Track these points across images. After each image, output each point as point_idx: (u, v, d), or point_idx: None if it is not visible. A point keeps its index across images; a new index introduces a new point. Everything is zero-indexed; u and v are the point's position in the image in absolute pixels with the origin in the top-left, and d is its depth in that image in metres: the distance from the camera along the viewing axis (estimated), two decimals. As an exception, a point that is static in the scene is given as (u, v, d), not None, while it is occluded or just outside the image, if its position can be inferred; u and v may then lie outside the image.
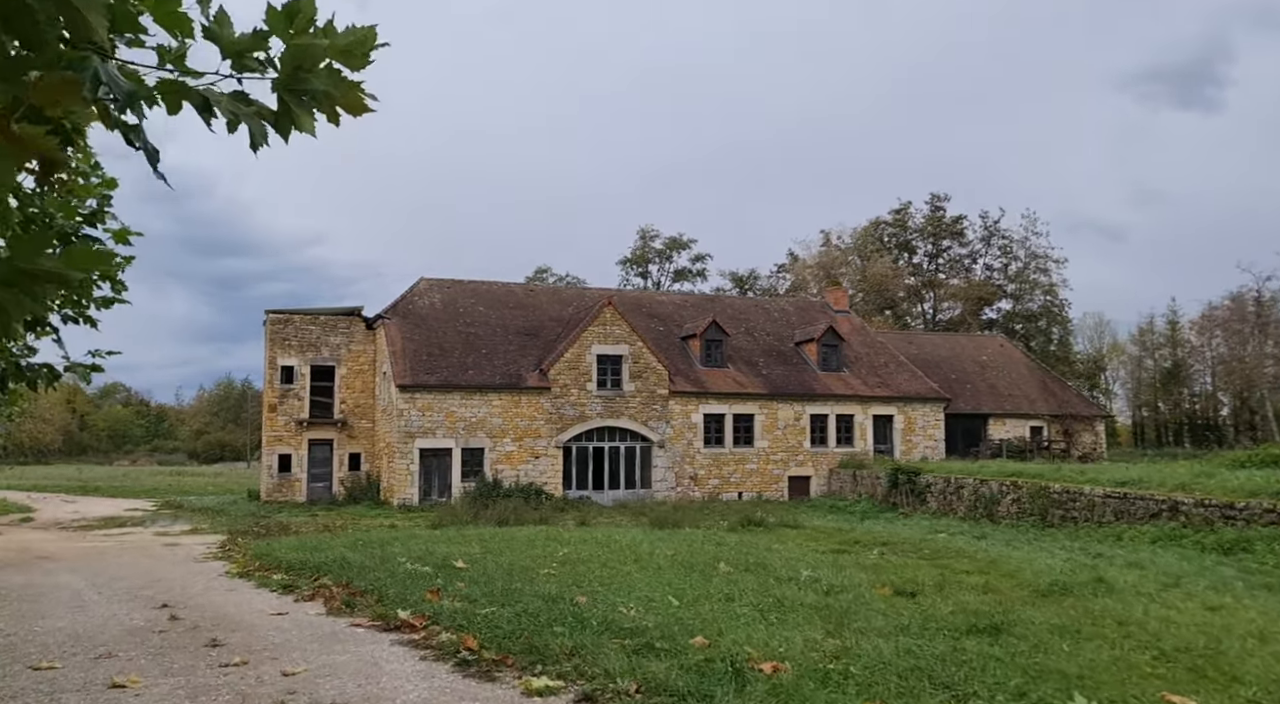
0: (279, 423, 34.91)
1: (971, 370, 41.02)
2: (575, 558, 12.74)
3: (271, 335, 35.14)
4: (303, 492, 34.69)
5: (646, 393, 33.25)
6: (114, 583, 13.45)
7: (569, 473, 32.45)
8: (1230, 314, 67.48)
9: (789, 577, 10.80)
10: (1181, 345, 71.90)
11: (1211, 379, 72.24)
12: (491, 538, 16.60)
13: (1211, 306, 66.89)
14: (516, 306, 36.34)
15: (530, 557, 13.22)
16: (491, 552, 14.07)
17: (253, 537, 20.01)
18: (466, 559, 12.94)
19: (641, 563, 12.23)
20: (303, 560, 13.84)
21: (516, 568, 11.68)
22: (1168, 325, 70.44)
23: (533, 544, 15.21)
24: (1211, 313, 68.71)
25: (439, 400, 31.22)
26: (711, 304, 41.00)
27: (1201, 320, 70.22)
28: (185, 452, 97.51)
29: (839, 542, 18.12)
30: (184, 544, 20.55)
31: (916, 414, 36.20)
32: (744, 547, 14.74)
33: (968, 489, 23.25)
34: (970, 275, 60.03)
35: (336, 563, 13.07)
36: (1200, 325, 70.87)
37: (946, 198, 59.76)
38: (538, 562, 12.51)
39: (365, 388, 35.88)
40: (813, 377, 36.04)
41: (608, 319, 33.26)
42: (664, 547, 14.65)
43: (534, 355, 33.56)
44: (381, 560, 12.96)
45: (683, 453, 33.42)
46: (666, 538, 16.67)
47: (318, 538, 17.91)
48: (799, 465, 34.57)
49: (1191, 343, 72.55)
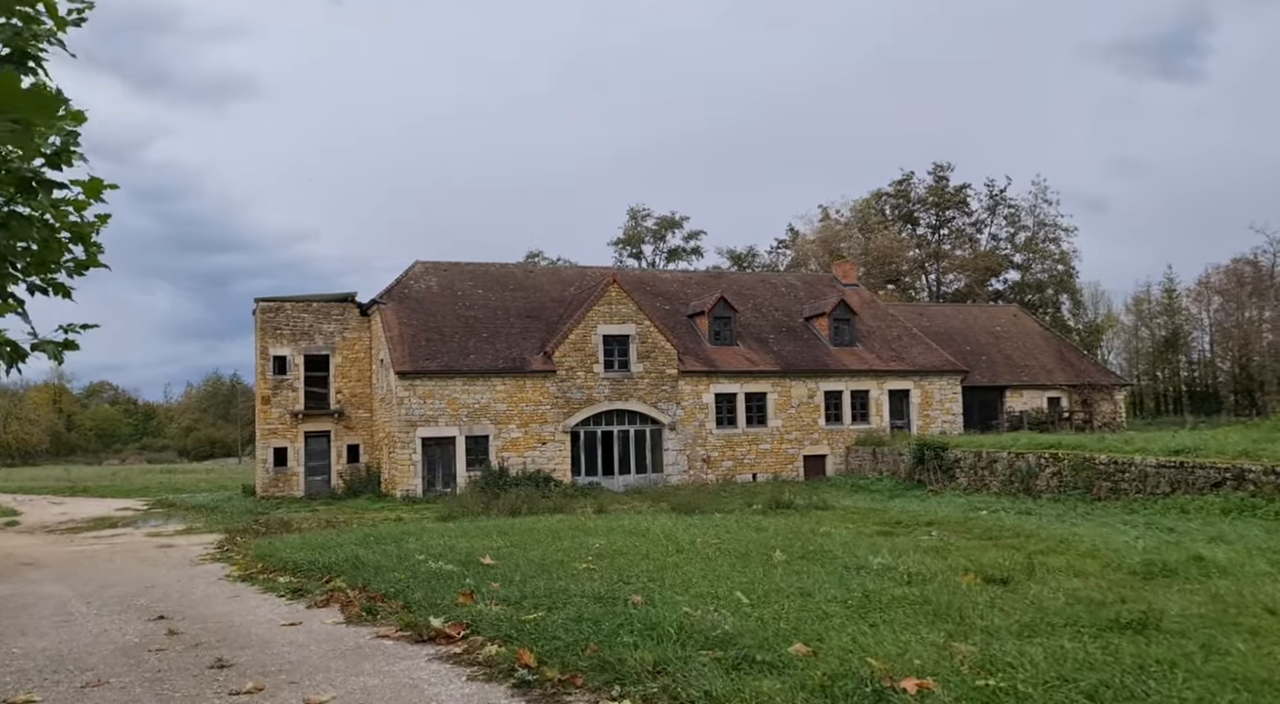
0: (273, 415, 33.73)
1: (986, 341, 40.04)
2: (612, 550, 11.68)
3: (262, 325, 33.90)
4: (300, 486, 33.56)
5: (655, 373, 32.16)
6: (104, 591, 12.35)
7: (577, 459, 31.38)
8: (1228, 280, 66.91)
9: (856, 565, 9.77)
10: (1179, 313, 71.26)
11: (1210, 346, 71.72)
12: (511, 529, 15.54)
13: (1209, 273, 66.42)
14: (516, 288, 35.16)
15: (561, 550, 12.16)
16: (517, 545, 13.01)
17: (252, 535, 18.91)
18: (492, 554, 11.88)
19: (686, 553, 11.18)
20: (311, 560, 12.76)
21: (550, 563, 10.62)
22: (1164, 293, 69.78)
23: (558, 536, 14.15)
24: (1208, 279, 68.21)
25: (440, 387, 30.08)
26: (716, 281, 39.86)
27: (1199, 287, 69.71)
28: (175, 449, 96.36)
29: (879, 522, 17.12)
30: (179, 545, 19.44)
31: (933, 388, 35.21)
32: (788, 532, 13.70)
33: (1001, 463, 22.24)
34: (976, 246, 58.98)
35: (349, 562, 11.99)
36: (1197, 293, 70.34)
37: (950, 167, 58.65)
38: (571, 555, 11.46)
39: (362, 377, 34.71)
40: (825, 352, 35.00)
41: (613, 298, 32.12)
42: (701, 534, 13.61)
43: (537, 338, 32.42)
44: (399, 558, 11.89)
45: (694, 435, 32.38)
46: (699, 524, 15.63)
47: (323, 535, 16.82)
48: (814, 444, 33.57)
49: (1189, 311, 72.02)
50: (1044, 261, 58.43)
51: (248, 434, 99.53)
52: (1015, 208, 58.55)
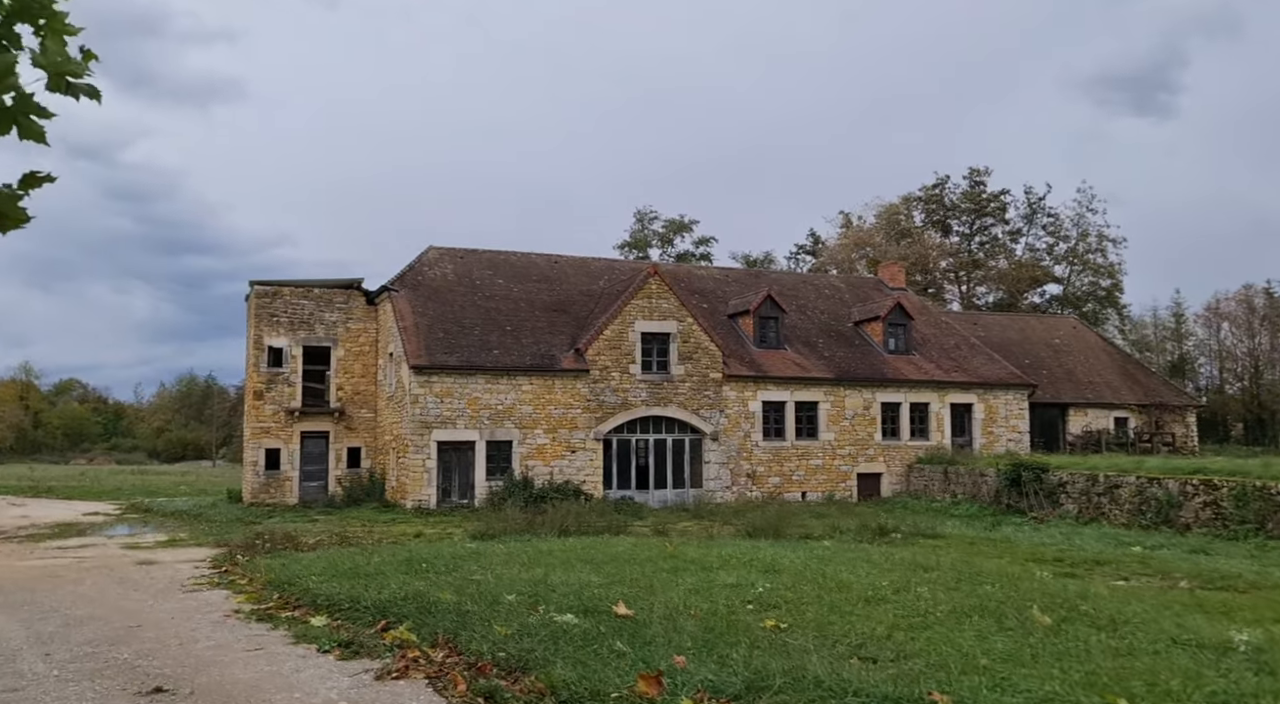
0: (266, 412, 30.51)
1: (1045, 355, 37.32)
2: (777, 597, 8.67)
3: (257, 311, 30.71)
4: (294, 492, 30.33)
5: (698, 377, 29.17)
6: (71, 633, 9.24)
7: (609, 470, 28.32)
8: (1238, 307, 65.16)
9: (1194, 641, 6.78)
10: (1188, 337, 69.19)
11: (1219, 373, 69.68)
12: (586, 556, 12.48)
13: (1218, 299, 64.54)
14: (540, 279, 32.14)
15: (696, 592, 9.15)
16: (620, 580, 10.00)
17: (254, 552, 15.78)
18: (597, 593, 8.85)
19: (893, 606, 8.19)
20: (352, 595, 9.70)
21: (716, 617, 7.61)
22: (1172, 317, 67.66)
23: (665, 569, 11.14)
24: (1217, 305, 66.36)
25: (460, 385, 26.97)
26: (756, 279, 36.97)
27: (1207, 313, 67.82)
28: (145, 450, 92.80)
29: (1030, 558, 14.18)
30: (163, 561, 16.28)
31: (998, 402, 32.38)
32: (966, 573, 10.72)
33: (1127, 489, 19.35)
34: (1012, 256, 56.37)
35: (410, 601, 8.94)
36: (1206, 318, 68.49)
37: (987, 172, 56.00)
38: (723, 603, 8.45)
39: (366, 372, 31.56)
40: (880, 359, 32.14)
41: (653, 291, 29.14)
42: (852, 572, 10.63)
43: (566, 334, 29.39)
44: (477, 598, 8.84)
45: (739, 446, 29.39)
46: (827, 558, 12.62)
47: (345, 555, 13.71)
48: (869, 461, 30.64)
49: (1197, 335, 70.12)
50: (1087, 274, 55.85)
51: (222, 436, 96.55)
52: (1055, 216, 56.07)
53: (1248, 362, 68.13)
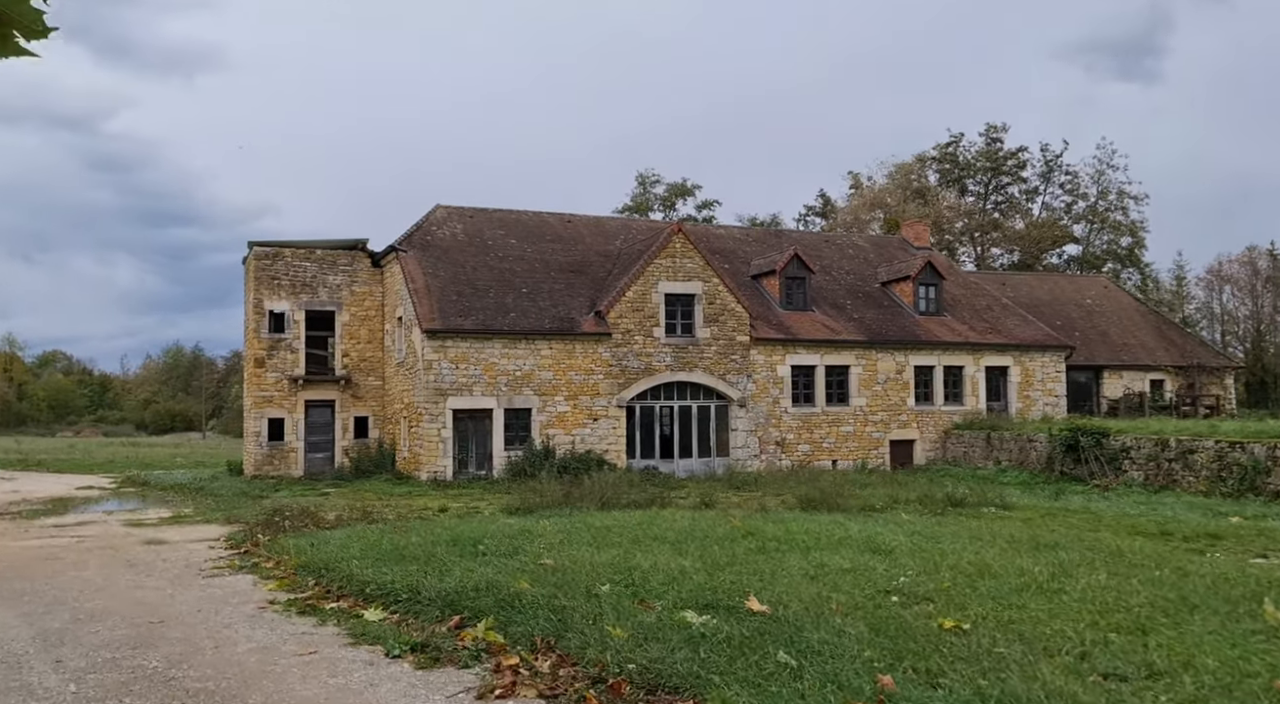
0: (268, 381, 29.12)
1: (1076, 316, 36.12)
2: (931, 590, 7.44)
3: (256, 273, 29.22)
4: (299, 463, 29.04)
5: (724, 340, 27.87)
6: (82, 632, 7.97)
7: (632, 438, 27.08)
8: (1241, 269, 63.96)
9: None
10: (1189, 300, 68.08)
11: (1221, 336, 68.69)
12: (652, 532, 11.22)
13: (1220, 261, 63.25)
14: (554, 239, 30.67)
15: (821, 581, 7.92)
16: (716, 565, 8.76)
17: (274, 530, 14.49)
18: (701, 582, 7.61)
19: (1065, 597, 6.95)
20: (408, 584, 8.43)
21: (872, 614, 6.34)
22: (1174, 280, 66.54)
23: (760, 549, 9.91)
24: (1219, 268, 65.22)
25: (476, 350, 25.62)
26: (777, 239, 35.58)
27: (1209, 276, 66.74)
28: (133, 422, 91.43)
29: (1132, 532, 13.00)
30: (171, 541, 15.02)
31: (1034, 365, 31.19)
32: (1121, 553, 9.51)
33: (1204, 454, 18.22)
34: (1029, 216, 54.98)
35: (484, 593, 7.67)
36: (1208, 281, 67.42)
37: (1005, 128, 54.42)
38: (866, 595, 7.21)
39: (372, 338, 30.16)
40: (912, 321, 30.86)
41: (678, 250, 27.73)
42: (995, 555, 9.43)
43: (585, 296, 28.00)
44: (568, 589, 7.57)
45: (767, 413, 28.16)
46: (935, 534, 11.42)
47: (381, 534, 12.41)
48: (901, 427, 29.46)
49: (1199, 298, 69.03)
50: (1108, 233, 54.51)
51: (212, 408, 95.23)
52: (1073, 174, 54.59)
53: (1249, 325, 67.28)
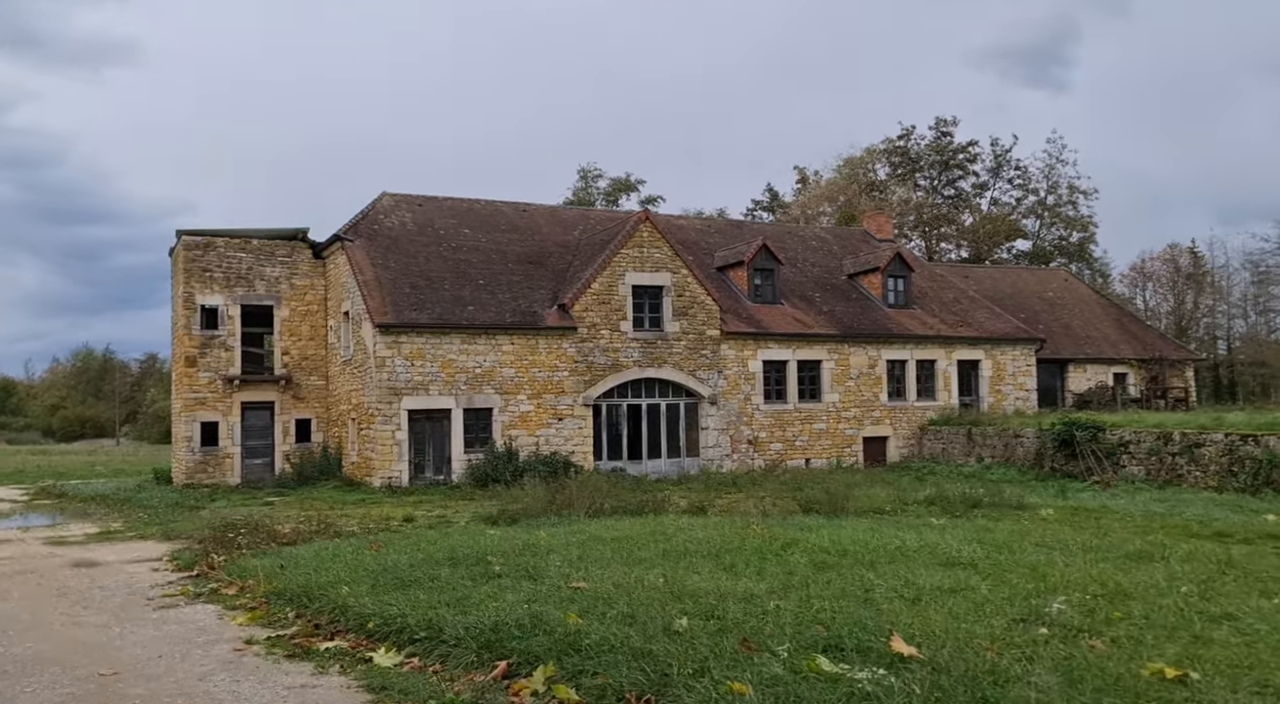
0: (200, 381, 27.05)
1: (1040, 308, 35.92)
2: (1083, 620, 6.34)
3: (186, 265, 27.12)
4: (235, 470, 27.04)
5: (694, 334, 26.73)
6: (17, 690, 6.42)
7: (599, 438, 25.78)
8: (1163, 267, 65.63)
9: None
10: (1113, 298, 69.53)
11: None
12: (678, 545, 10.01)
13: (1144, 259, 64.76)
14: (509, 229, 29.17)
15: (929, 606, 6.78)
16: (785, 585, 7.56)
17: (228, 547, 12.84)
18: (797, 611, 6.42)
19: (1260, 624, 5.91)
20: (423, 617, 7.06)
21: (1078, 667, 5.20)
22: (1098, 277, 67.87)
23: (817, 565, 8.76)
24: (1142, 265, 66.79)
25: (433, 345, 24.03)
26: (740, 230, 34.60)
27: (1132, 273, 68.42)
28: (39, 429, 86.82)
29: (1178, 534, 12.22)
30: (105, 561, 13.28)
31: (1005, 359, 30.75)
32: (1232, 563, 8.59)
33: (1213, 448, 17.68)
34: (978, 211, 55.13)
35: (530, 631, 6.35)
36: (1131, 278, 69.12)
37: (954, 122, 54.49)
38: (1004, 628, 6.08)
39: (315, 334, 28.29)
40: (882, 314, 30.15)
41: (645, 239, 26.51)
42: (1103, 570, 8.42)
43: (546, 288, 26.60)
44: (638, 625, 6.29)
45: (739, 410, 27.12)
46: (1003, 543, 10.41)
47: (357, 551, 10.91)
48: (874, 424, 28.71)
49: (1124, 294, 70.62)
50: (1058, 227, 54.91)
51: (126, 413, 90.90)
52: (1022, 169, 54.90)
53: (1171, 320, 68.99)
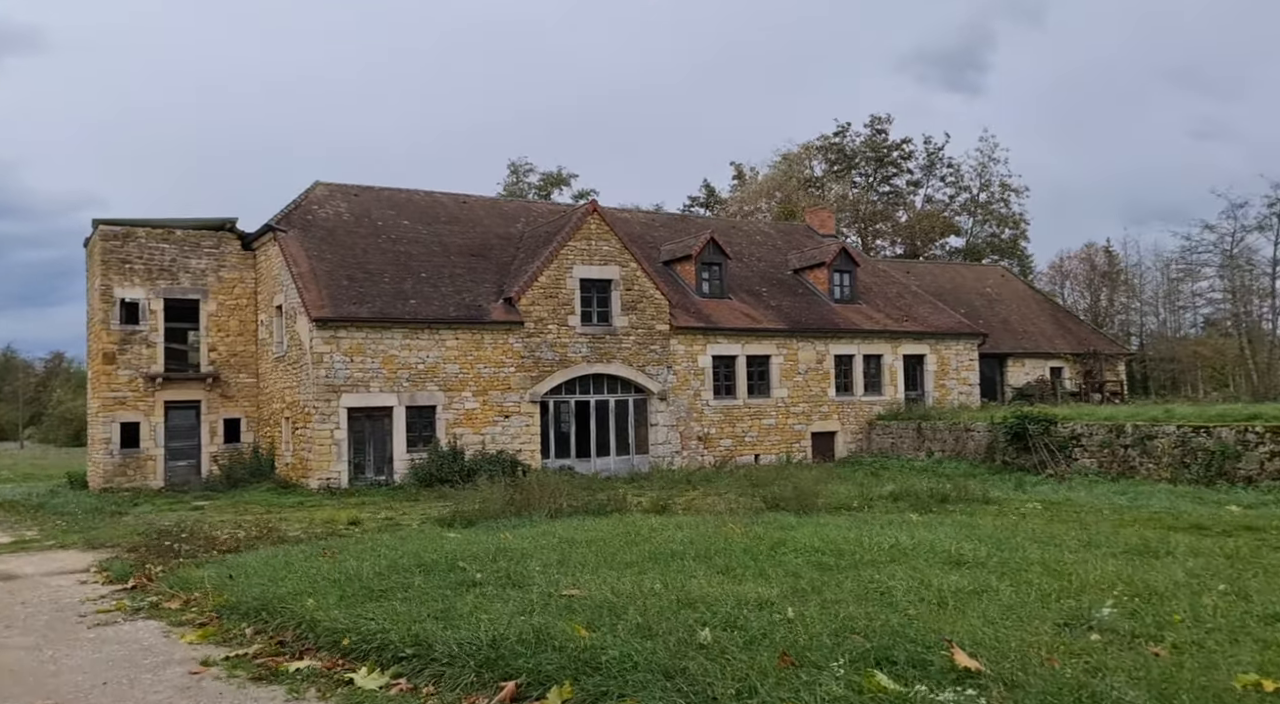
0: (120, 379, 25.62)
1: (979, 304, 36.38)
2: (1144, 625, 6.04)
3: (104, 257, 25.65)
4: (158, 473, 25.69)
5: (643, 329, 26.25)
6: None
7: (546, 436, 25.14)
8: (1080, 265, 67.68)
9: None
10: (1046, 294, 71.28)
11: None
12: (658, 546, 9.51)
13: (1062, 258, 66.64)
14: (450, 221, 28.32)
15: (960, 612, 6.42)
16: (794, 589, 7.12)
17: (165, 555, 11.90)
18: (819, 618, 5.99)
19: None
20: (407, 631, 6.44)
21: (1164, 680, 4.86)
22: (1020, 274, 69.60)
23: (818, 566, 8.35)
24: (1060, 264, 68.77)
25: (373, 341, 23.09)
26: (684, 224, 34.29)
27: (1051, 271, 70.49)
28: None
29: (1156, 526, 12.19)
30: (24, 574, 12.24)
31: (949, 353, 30.99)
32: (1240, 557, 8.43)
33: (1165, 440, 17.88)
34: (911, 208, 55.85)
35: (535, 647, 5.79)
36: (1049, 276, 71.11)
37: (889, 120, 55.05)
38: (1051, 633, 5.74)
39: (244, 330, 27.05)
40: (829, 309, 30.09)
41: (593, 232, 25.93)
42: (1130, 569, 8.17)
43: (490, 281, 25.84)
44: (656, 639, 5.77)
45: (689, 406, 26.74)
46: (1003, 540, 10.17)
47: (305, 557, 10.15)
48: (823, 419, 28.63)
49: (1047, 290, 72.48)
50: (990, 224, 55.93)
51: (29, 414, 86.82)
52: (954, 167, 55.79)
53: (1088, 317, 71.12)
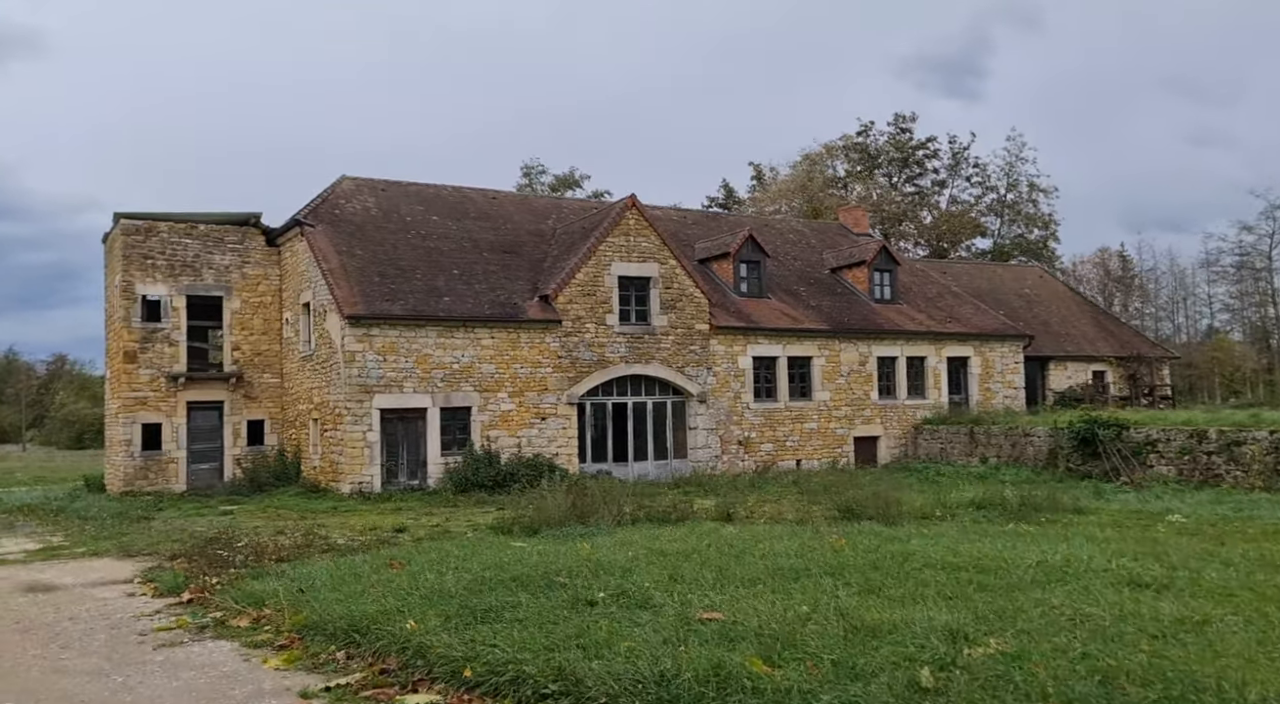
0: (141, 379, 24.82)
1: (1018, 305, 35.56)
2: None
3: (125, 252, 24.87)
4: (180, 477, 24.87)
5: (683, 329, 25.45)
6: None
7: (583, 439, 24.34)
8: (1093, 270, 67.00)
9: None
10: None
11: None
12: (756, 553, 8.69)
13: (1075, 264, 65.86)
14: (480, 217, 27.54)
15: (1160, 653, 5.60)
16: (984, 616, 6.33)
17: (218, 565, 11.12)
18: (1047, 652, 5.19)
19: None
20: (546, 664, 5.63)
21: None
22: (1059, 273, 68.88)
23: (976, 585, 7.55)
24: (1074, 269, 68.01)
25: (407, 339, 22.30)
26: (716, 221, 33.49)
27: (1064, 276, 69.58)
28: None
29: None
30: (63, 585, 11.46)
31: (994, 356, 30.16)
32: None
33: (1255, 446, 17.02)
34: (935, 209, 55.01)
35: (726, 684, 5.00)
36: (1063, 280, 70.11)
37: (913, 118, 54.30)
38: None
39: (268, 328, 26.26)
40: (870, 309, 29.28)
41: (631, 228, 25.14)
42: None
43: (524, 279, 25.06)
44: (866, 674, 4.97)
45: (729, 409, 25.93)
46: (1182, 561, 9.33)
47: (370, 568, 9.35)
48: (865, 423, 27.80)
49: None
50: (1019, 225, 55.08)
51: (33, 417, 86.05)
52: (981, 167, 54.93)
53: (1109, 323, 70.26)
